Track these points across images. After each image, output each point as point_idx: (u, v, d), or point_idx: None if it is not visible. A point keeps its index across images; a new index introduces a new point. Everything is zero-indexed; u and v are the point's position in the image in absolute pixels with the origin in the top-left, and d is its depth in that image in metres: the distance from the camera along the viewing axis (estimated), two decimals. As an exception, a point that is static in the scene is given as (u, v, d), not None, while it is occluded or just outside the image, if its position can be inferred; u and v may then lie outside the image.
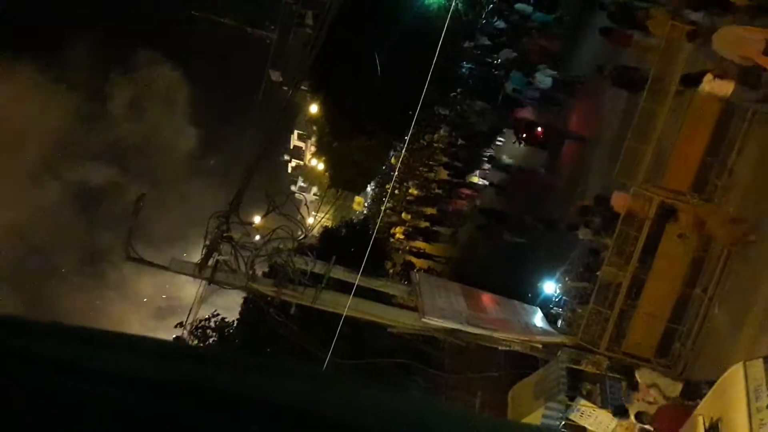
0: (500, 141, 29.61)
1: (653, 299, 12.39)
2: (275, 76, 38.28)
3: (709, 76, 11.34)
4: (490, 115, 27.64)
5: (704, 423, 7.46)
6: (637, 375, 11.81)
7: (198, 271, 13.46)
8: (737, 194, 11.94)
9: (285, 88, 29.55)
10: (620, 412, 11.35)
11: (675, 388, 11.22)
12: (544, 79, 21.70)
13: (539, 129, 22.66)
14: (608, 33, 16.55)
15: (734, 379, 7.46)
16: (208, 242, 13.65)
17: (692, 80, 11.91)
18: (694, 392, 10.48)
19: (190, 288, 15.76)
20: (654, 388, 11.31)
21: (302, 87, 34.10)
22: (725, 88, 11.24)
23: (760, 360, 7.36)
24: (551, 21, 24.06)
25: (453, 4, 22.29)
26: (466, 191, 31.72)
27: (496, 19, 27.70)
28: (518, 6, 25.71)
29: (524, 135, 23.22)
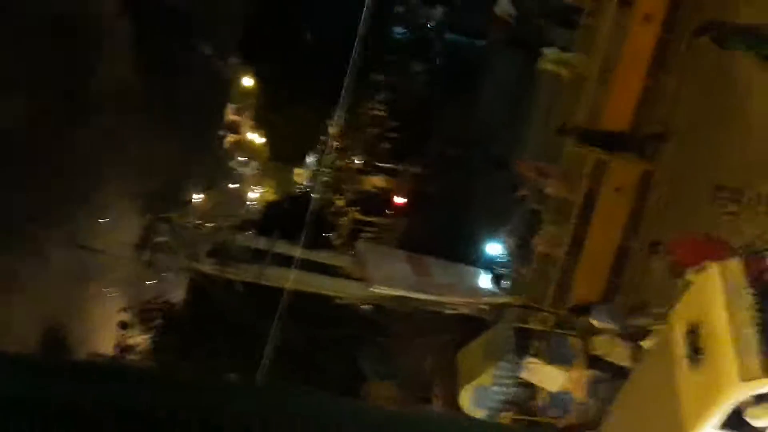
0: None
1: (594, 254, 12.55)
2: (206, 50, 37.49)
3: None
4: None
5: (682, 326, 7.21)
6: (591, 346, 11.95)
7: (136, 253, 13.22)
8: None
9: (216, 60, 28.98)
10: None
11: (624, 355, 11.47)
12: None
13: None
14: None
15: (710, 281, 7.22)
16: (146, 224, 13.43)
17: None
18: None
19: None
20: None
21: (234, 59, 33.52)
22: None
23: (737, 259, 7.18)
24: None
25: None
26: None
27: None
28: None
29: None
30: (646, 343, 9.17)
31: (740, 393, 6.40)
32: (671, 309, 8.42)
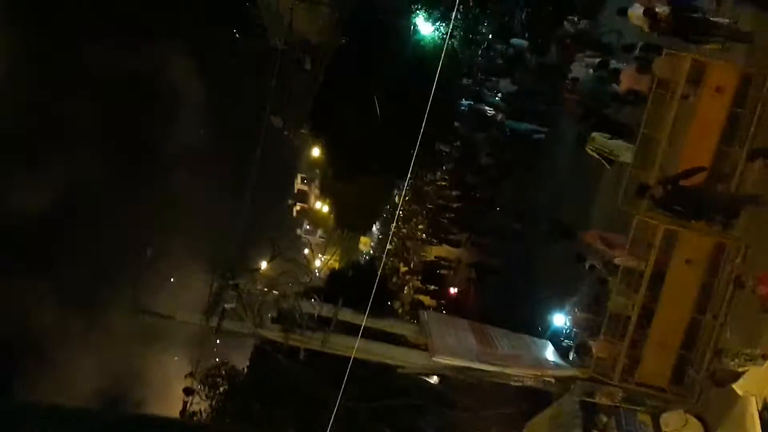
0: None
1: (664, 327, 12.25)
2: (276, 122, 38.54)
3: None
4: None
5: (757, 404, 7.06)
6: (661, 421, 11.64)
7: (204, 319, 13.43)
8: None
9: (286, 133, 29.77)
10: None
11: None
12: None
13: None
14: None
15: None
16: (214, 290, 13.65)
17: None
18: None
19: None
20: None
21: (303, 131, 34.37)
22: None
23: None
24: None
25: (446, 41, 22.50)
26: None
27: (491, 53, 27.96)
28: (514, 41, 25.99)
29: None
30: (738, 386, 8.74)
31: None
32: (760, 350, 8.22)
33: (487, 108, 28.21)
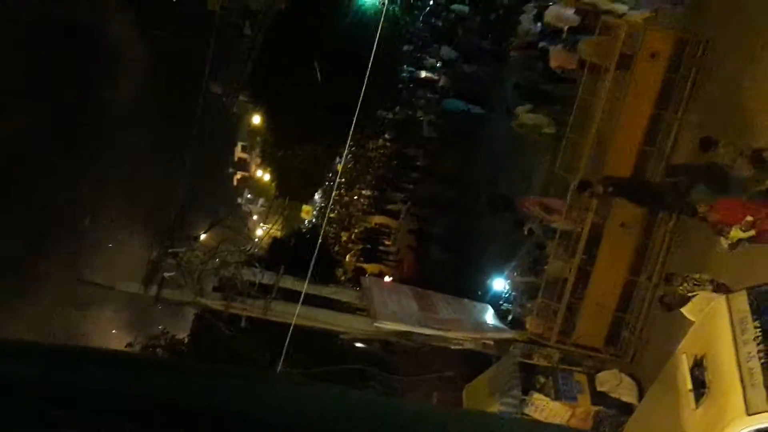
0: None
1: (600, 289, 12.55)
2: (215, 88, 37.89)
3: None
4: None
5: (688, 360, 7.20)
6: (597, 381, 11.93)
7: (143, 288, 13.24)
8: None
9: (225, 99, 29.25)
10: None
11: (631, 393, 11.44)
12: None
13: None
14: None
15: (717, 313, 7.25)
16: (153, 258, 13.44)
17: None
18: None
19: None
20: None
21: (243, 97, 33.85)
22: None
23: (744, 292, 7.22)
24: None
25: (386, 6, 22.32)
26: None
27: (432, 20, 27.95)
28: (455, 6, 26.01)
29: None
30: (686, 309, 8.98)
31: (745, 427, 6.35)
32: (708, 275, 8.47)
33: (428, 75, 28.24)
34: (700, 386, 7.04)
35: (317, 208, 40.80)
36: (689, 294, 9.17)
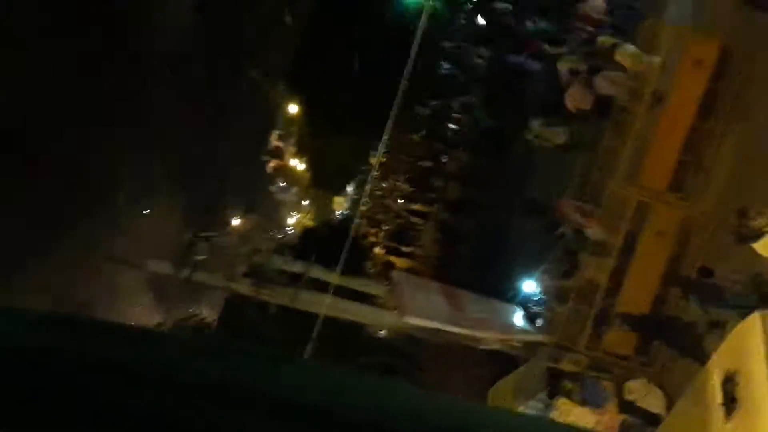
0: None
1: (632, 297, 12.42)
2: (255, 75, 38.17)
3: None
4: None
5: (719, 374, 7.12)
6: (625, 389, 11.82)
7: (176, 271, 13.38)
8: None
9: (264, 87, 29.47)
10: None
11: (659, 404, 11.29)
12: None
13: None
14: None
15: (751, 329, 7.12)
16: (187, 241, 13.60)
17: None
18: None
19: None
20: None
21: (282, 86, 34.07)
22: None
23: None
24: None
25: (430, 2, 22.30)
26: None
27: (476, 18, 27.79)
28: (499, 5, 25.82)
29: None
30: (759, 245, 8.73)
31: (776, 445, 6.24)
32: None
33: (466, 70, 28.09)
34: (731, 401, 6.94)
35: (349, 200, 40.93)
36: (765, 229, 8.81)
